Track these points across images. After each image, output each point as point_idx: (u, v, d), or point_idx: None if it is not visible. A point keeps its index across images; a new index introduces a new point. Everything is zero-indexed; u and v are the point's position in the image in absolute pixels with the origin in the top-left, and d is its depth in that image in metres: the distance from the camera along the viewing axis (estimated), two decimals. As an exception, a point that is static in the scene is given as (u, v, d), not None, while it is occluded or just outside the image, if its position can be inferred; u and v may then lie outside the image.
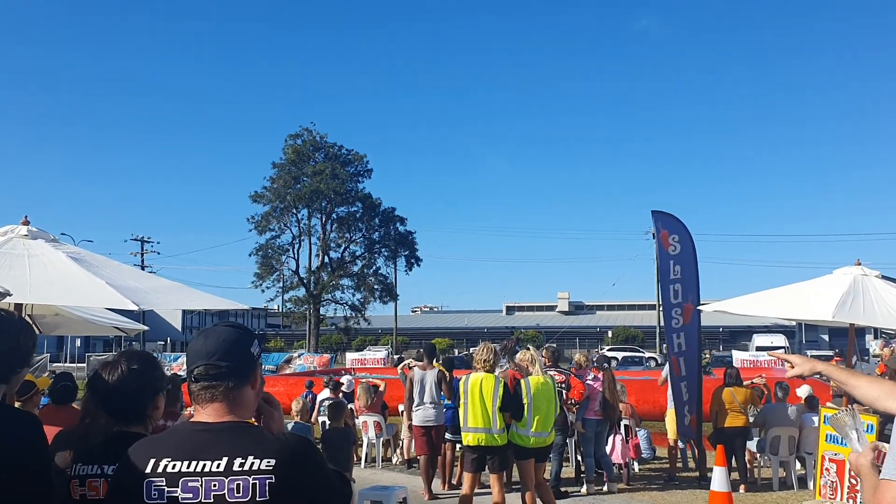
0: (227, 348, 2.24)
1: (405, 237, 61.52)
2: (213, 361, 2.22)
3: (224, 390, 2.23)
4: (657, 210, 11.85)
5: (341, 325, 62.51)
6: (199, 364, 2.24)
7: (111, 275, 6.08)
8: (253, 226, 58.05)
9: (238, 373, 2.26)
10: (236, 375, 2.25)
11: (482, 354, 8.38)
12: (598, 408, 10.95)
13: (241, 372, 2.26)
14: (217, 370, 2.22)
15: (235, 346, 2.27)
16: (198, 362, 2.24)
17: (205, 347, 2.25)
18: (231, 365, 2.24)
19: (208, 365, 2.22)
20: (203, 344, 2.26)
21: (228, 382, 2.23)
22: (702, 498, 10.17)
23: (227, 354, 2.24)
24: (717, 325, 66.15)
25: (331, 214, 59.60)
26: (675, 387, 11.41)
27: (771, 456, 11.42)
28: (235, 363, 2.25)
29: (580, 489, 10.75)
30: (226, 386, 2.23)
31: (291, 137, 59.16)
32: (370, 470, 12.74)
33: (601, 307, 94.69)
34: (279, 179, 57.80)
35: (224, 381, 2.23)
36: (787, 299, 9.78)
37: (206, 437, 2.17)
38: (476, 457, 8.25)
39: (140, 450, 2.21)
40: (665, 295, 11.54)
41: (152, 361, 3.03)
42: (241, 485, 2.08)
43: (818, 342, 63.27)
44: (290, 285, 59.88)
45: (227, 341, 2.26)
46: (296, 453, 2.17)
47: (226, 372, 2.23)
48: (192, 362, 2.26)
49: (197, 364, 2.24)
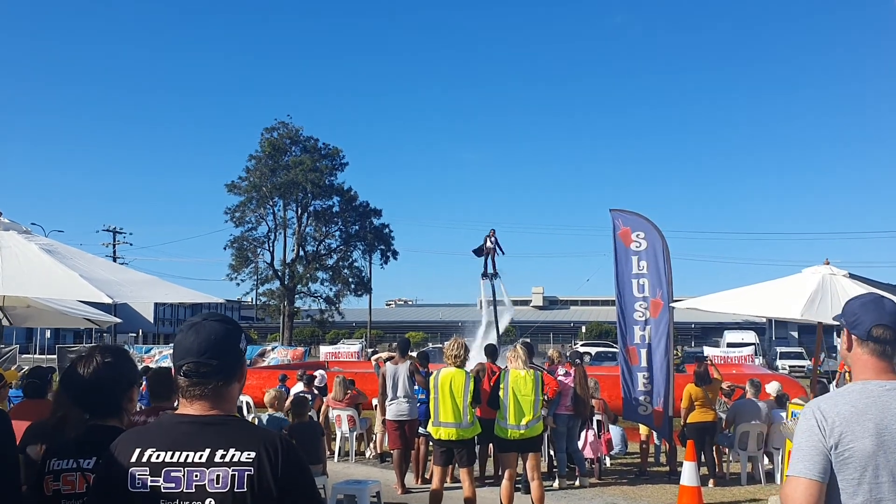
0: (217, 346, 2.27)
1: (381, 231, 61.40)
2: (204, 360, 2.25)
3: (213, 387, 2.27)
4: (616, 209, 12.35)
5: (316, 318, 62.27)
6: (188, 360, 2.26)
7: (84, 267, 6.05)
8: (229, 217, 57.65)
9: (227, 370, 2.30)
10: (225, 373, 2.29)
11: (453, 349, 8.43)
12: (570, 403, 11.06)
13: (229, 369, 2.30)
14: (207, 368, 2.25)
15: (225, 344, 2.30)
16: (188, 358, 2.26)
17: (196, 344, 2.27)
18: (220, 363, 2.27)
19: (199, 362, 2.25)
20: (194, 340, 2.28)
21: (217, 381, 2.27)
22: (672, 492, 10.30)
23: (217, 353, 2.27)
24: (689, 322, 66.81)
25: (307, 207, 59.31)
26: (632, 376, 11.65)
27: (739, 451, 11.60)
28: (225, 361, 2.29)
29: (552, 484, 10.84)
30: (215, 384, 2.27)
31: (267, 131, 58.72)
32: (343, 464, 12.75)
33: (575, 302, 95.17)
34: (256, 171, 57.43)
35: (213, 379, 2.27)
36: (758, 297, 9.93)
37: (191, 430, 2.22)
38: (445, 450, 8.32)
39: (126, 440, 2.26)
40: (626, 289, 11.74)
41: (125, 355, 3.05)
42: (220, 475, 2.13)
43: (788, 339, 64.07)
44: (265, 278, 59.56)
45: (218, 338, 2.28)
46: (277, 448, 2.21)
47: (215, 370, 2.26)
48: (180, 357, 2.28)
49: (187, 360, 2.26)
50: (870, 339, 2.63)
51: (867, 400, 2.54)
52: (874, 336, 2.62)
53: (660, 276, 11.56)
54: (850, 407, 2.53)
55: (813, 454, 2.50)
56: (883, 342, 2.62)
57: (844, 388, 2.67)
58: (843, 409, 2.54)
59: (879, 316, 2.63)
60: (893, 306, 2.67)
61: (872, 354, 2.63)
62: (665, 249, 11.73)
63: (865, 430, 2.48)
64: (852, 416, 2.51)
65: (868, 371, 2.64)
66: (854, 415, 2.51)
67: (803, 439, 2.55)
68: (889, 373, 2.63)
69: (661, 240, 11.78)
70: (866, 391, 2.58)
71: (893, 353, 2.64)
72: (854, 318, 2.70)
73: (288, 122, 59.13)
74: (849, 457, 2.47)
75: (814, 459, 2.49)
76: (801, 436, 2.56)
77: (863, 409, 2.52)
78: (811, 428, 2.54)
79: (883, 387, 2.58)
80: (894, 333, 2.62)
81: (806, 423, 2.57)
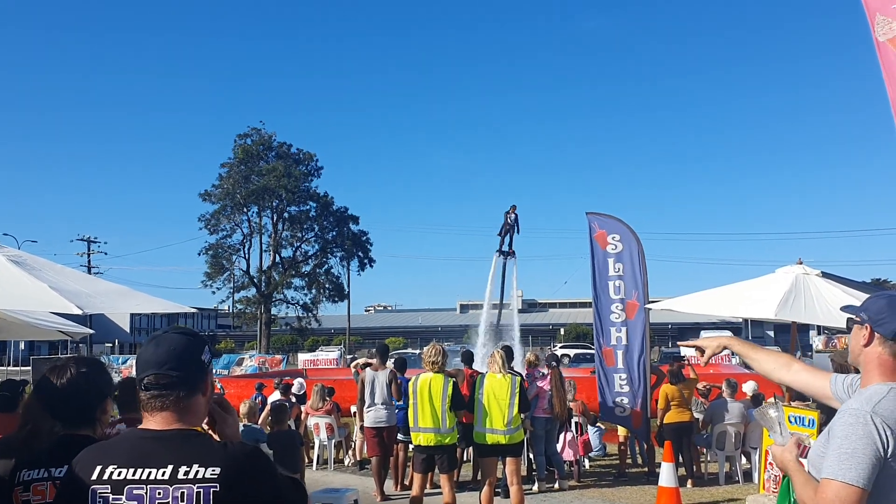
0: (177, 357, 2.23)
1: (358, 237, 61.27)
2: (164, 371, 2.21)
3: (174, 399, 2.22)
4: (592, 212, 12.44)
5: (294, 326, 61.99)
6: (149, 373, 2.22)
7: (54, 278, 5.97)
8: (203, 224, 57.29)
9: (189, 382, 2.25)
10: (187, 384, 2.24)
11: (431, 355, 8.40)
12: (547, 406, 11.07)
13: (191, 381, 2.26)
14: (168, 380, 2.21)
15: (186, 355, 2.26)
16: (148, 371, 2.22)
17: (155, 356, 2.23)
18: (182, 374, 2.23)
19: (159, 374, 2.21)
20: (154, 352, 2.24)
21: (179, 392, 2.22)
22: (650, 493, 10.34)
23: (178, 364, 2.22)
24: (666, 322, 67.23)
25: (282, 213, 59.09)
26: (608, 377, 11.72)
27: (717, 451, 11.67)
28: (186, 372, 2.24)
29: (531, 487, 10.84)
30: (176, 395, 2.22)
31: (241, 137, 58.54)
32: (322, 472, 12.68)
33: (553, 305, 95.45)
34: (229, 178, 57.11)
35: (175, 391, 2.21)
36: (732, 298, 9.99)
37: (153, 445, 2.16)
38: (425, 457, 8.28)
39: (87, 457, 2.21)
40: (603, 291, 11.82)
41: (100, 366, 3.02)
42: (185, 493, 2.08)
43: (764, 338, 64.77)
44: (241, 285, 59.24)
45: (178, 350, 2.25)
46: (241, 461, 2.16)
47: (176, 381, 2.22)
48: (142, 370, 2.24)
49: (147, 373, 2.22)
50: None
51: None
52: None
53: (635, 278, 11.67)
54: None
55: (870, 463, 2.39)
56: None
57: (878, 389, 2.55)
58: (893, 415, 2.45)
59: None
60: None
61: (893, 356, 2.58)
62: (640, 252, 11.82)
63: None
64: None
65: (890, 372, 2.58)
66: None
67: (861, 446, 2.41)
68: None
69: (636, 242, 11.89)
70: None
71: None
72: (881, 316, 2.63)
73: (261, 128, 58.96)
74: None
75: (870, 468, 2.39)
76: (858, 442, 2.42)
77: None
78: (870, 434, 2.42)
79: None
80: None
81: (864, 430, 2.43)
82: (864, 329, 2.67)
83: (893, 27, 4.94)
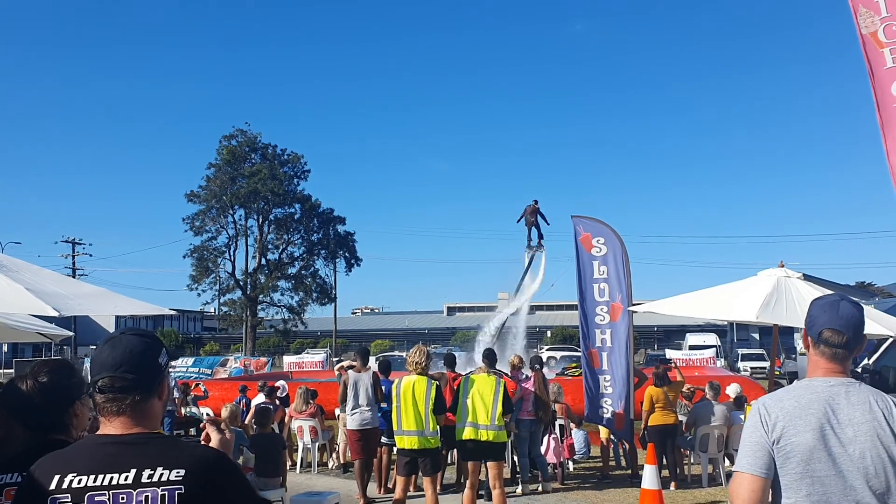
0: (134, 360, 2.20)
1: (345, 238, 61.12)
2: (120, 374, 2.17)
3: (131, 403, 2.18)
4: (577, 215, 12.48)
5: (280, 328, 61.78)
6: (104, 375, 2.18)
7: (31, 280, 5.91)
8: (188, 226, 57.00)
9: (145, 385, 2.22)
10: (143, 388, 2.21)
11: (415, 357, 8.37)
12: (531, 408, 11.08)
13: (147, 384, 2.23)
14: (123, 382, 2.17)
15: (143, 358, 2.22)
16: (103, 373, 2.18)
17: (111, 358, 2.19)
18: (137, 377, 2.19)
19: (114, 377, 2.18)
20: (109, 354, 2.20)
21: (135, 395, 2.19)
22: (633, 496, 10.35)
23: (133, 366, 2.19)
24: (652, 325, 67.42)
25: (268, 216, 58.87)
26: (594, 378, 11.73)
27: (700, 453, 11.70)
28: (142, 375, 2.21)
29: (515, 489, 10.83)
30: (132, 399, 2.18)
31: (226, 138, 58.16)
32: (305, 475, 12.64)
33: (540, 307, 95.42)
34: (215, 180, 56.83)
35: (130, 394, 2.18)
36: (715, 300, 10.03)
37: (114, 450, 2.13)
38: (409, 460, 8.24)
39: (44, 466, 2.15)
40: (588, 293, 11.84)
41: (68, 369, 2.96)
42: (149, 496, 2.05)
43: (749, 341, 64.95)
44: (227, 287, 58.94)
45: (135, 352, 2.21)
46: (206, 463, 2.14)
47: (132, 384, 2.18)
48: (97, 373, 2.20)
49: (102, 375, 2.18)
50: (821, 340, 2.66)
51: (811, 395, 2.59)
52: (825, 338, 2.66)
53: (619, 281, 11.70)
54: (794, 402, 2.58)
55: (756, 450, 2.55)
56: (833, 345, 2.65)
57: (791, 385, 2.74)
58: (786, 405, 2.58)
59: (831, 319, 2.66)
60: (849, 309, 2.68)
61: (822, 356, 2.67)
62: (624, 254, 11.85)
63: (807, 424, 2.52)
64: (795, 410, 2.55)
65: (818, 371, 2.67)
66: (797, 409, 2.55)
67: (748, 435, 2.60)
68: (839, 373, 2.65)
69: (620, 245, 11.92)
70: (811, 387, 2.62)
71: (845, 356, 2.66)
72: (810, 319, 2.74)
73: (246, 129, 58.69)
74: (791, 451, 2.50)
75: (756, 455, 2.54)
76: (746, 432, 2.62)
77: (806, 405, 2.56)
78: (755, 424, 2.59)
79: (827, 383, 2.62)
80: (845, 338, 2.64)
81: (751, 420, 2.62)
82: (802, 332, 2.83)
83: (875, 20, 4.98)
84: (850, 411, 2.53)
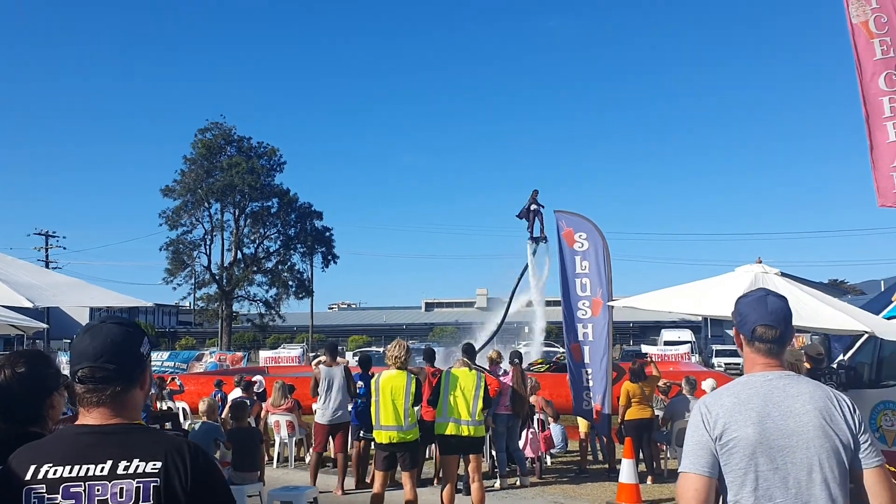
0: (114, 349, 2.15)
1: (322, 233, 60.85)
2: (100, 364, 2.13)
3: (111, 393, 2.14)
4: (560, 210, 12.61)
5: (256, 323, 61.42)
6: (84, 365, 2.13)
7: (4, 271, 5.80)
8: (164, 220, 56.48)
9: (126, 375, 2.17)
10: (124, 378, 2.17)
11: (394, 351, 8.33)
12: (509, 402, 11.09)
13: (129, 374, 2.18)
14: (104, 373, 2.13)
15: (124, 347, 2.18)
16: (83, 363, 2.14)
17: (91, 347, 2.14)
18: (118, 367, 2.15)
19: (94, 367, 2.13)
20: (90, 343, 2.15)
21: (116, 386, 2.15)
22: (611, 490, 10.40)
23: (114, 356, 2.15)
24: (628, 321, 67.83)
25: (245, 209, 58.47)
26: (577, 372, 11.79)
27: (676, 448, 11.76)
28: (123, 365, 2.16)
29: (494, 484, 10.84)
30: (113, 389, 2.14)
31: (201, 132, 57.68)
32: (282, 469, 12.57)
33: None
34: (191, 173, 56.35)
35: (112, 385, 2.14)
36: (692, 295, 10.05)
37: (92, 441, 2.09)
38: (388, 454, 8.21)
39: (21, 457, 2.11)
40: (570, 288, 11.89)
41: (45, 361, 2.90)
42: (124, 488, 2.02)
43: (723, 337, 65.59)
44: (202, 281, 58.49)
45: (115, 342, 2.16)
46: (184, 456, 2.10)
47: (113, 374, 2.14)
48: (76, 363, 2.15)
49: (82, 365, 2.14)
50: (754, 337, 2.68)
51: (750, 390, 2.60)
52: (758, 335, 2.67)
53: (600, 276, 11.76)
54: (733, 398, 2.59)
55: (697, 449, 2.56)
56: (767, 340, 2.67)
57: (731, 382, 2.73)
58: (726, 401, 2.59)
59: (762, 315, 2.68)
60: (777, 304, 2.70)
61: (758, 353, 2.68)
62: (605, 250, 11.92)
63: (748, 419, 2.52)
64: (735, 406, 2.56)
65: (756, 367, 2.69)
66: (736, 405, 2.56)
67: (690, 435, 2.61)
68: (775, 367, 2.67)
69: (601, 240, 11.98)
70: (750, 383, 2.64)
71: (779, 349, 2.68)
72: (740, 317, 2.75)
73: (221, 122, 58.23)
74: (733, 447, 2.51)
75: (698, 454, 2.55)
76: (689, 432, 2.63)
77: (745, 400, 2.57)
78: (697, 424, 2.60)
79: (766, 377, 2.63)
80: (777, 332, 2.66)
81: (693, 420, 2.63)
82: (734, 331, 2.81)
83: (866, 10, 4.98)
84: (789, 403, 2.55)
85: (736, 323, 2.78)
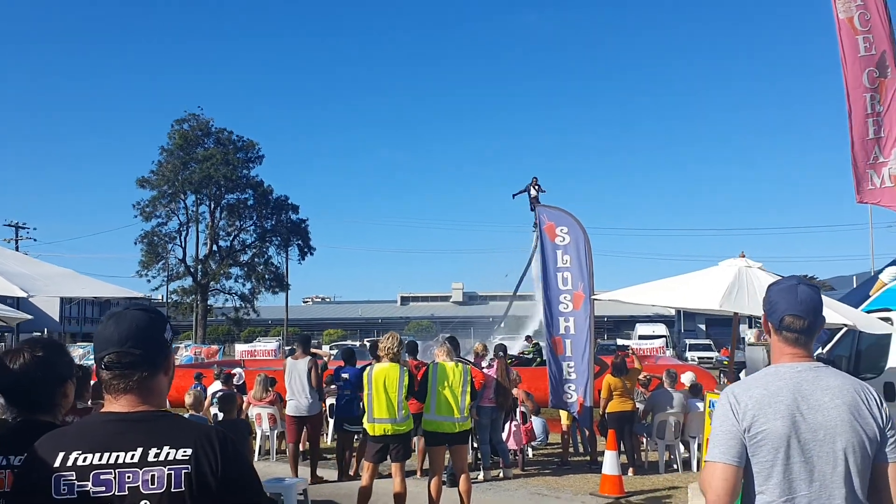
0: (139, 335, 2.15)
1: (298, 226, 60.55)
2: (126, 349, 2.13)
3: (138, 379, 2.15)
4: (542, 204, 12.68)
5: (231, 316, 61.00)
6: (110, 351, 2.14)
7: (-5, 261, 5.73)
8: (139, 212, 55.88)
9: (152, 360, 2.18)
10: (150, 363, 2.17)
11: (387, 343, 8.31)
12: (493, 395, 11.15)
13: (154, 359, 2.19)
14: (130, 358, 2.13)
15: (148, 333, 2.19)
16: (109, 349, 2.14)
17: (116, 333, 2.14)
18: (144, 353, 2.16)
19: (121, 352, 2.13)
20: (115, 329, 2.15)
21: (143, 371, 2.15)
22: (593, 481, 10.51)
23: (140, 341, 2.15)
24: (603, 315, 68.23)
25: (220, 201, 58.01)
26: (558, 365, 11.87)
27: (657, 440, 11.91)
28: (148, 350, 2.17)
29: (477, 476, 10.89)
30: (140, 375, 2.15)
31: (178, 122, 57.13)
32: (265, 462, 12.55)
33: (494, 297, 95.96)
34: (167, 164, 55.79)
35: (138, 370, 2.14)
36: (677, 289, 10.15)
37: (120, 428, 2.09)
38: (380, 447, 8.20)
39: (48, 443, 2.10)
40: (551, 282, 11.97)
41: (59, 348, 2.87)
42: (155, 475, 2.02)
43: (696, 331, 66.33)
44: (177, 274, 57.99)
45: (140, 327, 2.17)
46: (212, 442, 2.11)
47: (139, 360, 2.15)
48: (102, 349, 2.15)
49: (108, 351, 2.14)
50: (782, 327, 2.68)
51: (780, 382, 2.60)
52: (786, 324, 2.67)
53: (581, 270, 11.82)
54: (763, 390, 2.59)
55: (727, 439, 2.56)
56: (795, 331, 2.67)
57: (759, 372, 2.73)
58: (755, 393, 2.59)
59: (791, 304, 2.68)
60: (807, 293, 2.69)
61: (786, 342, 2.69)
62: (587, 244, 11.97)
63: (777, 411, 2.53)
64: (764, 398, 2.57)
65: (783, 357, 2.69)
66: (766, 397, 2.57)
67: (718, 424, 2.61)
68: (803, 357, 2.68)
69: (583, 234, 12.04)
70: (779, 374, 2.64)
71: (808, 340, 2.68)
72: (770, 305, 2.75)
73: (199, 113, 57.69)
74: (762, 439, 2.52)
75: (728, 444, 2.55)
76: (717, 421, 2.62)
77: (775, 392, 2.57)
78: (725, 413, 2.60)
79: (795, 368, 2.64)
80: (805, 322, 2.66)
81: (721, 409, 2.62)
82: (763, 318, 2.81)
83: (851, 6, 5.05)
84: (819, 396, 2.56)
85: (766, 310, 2.77)
